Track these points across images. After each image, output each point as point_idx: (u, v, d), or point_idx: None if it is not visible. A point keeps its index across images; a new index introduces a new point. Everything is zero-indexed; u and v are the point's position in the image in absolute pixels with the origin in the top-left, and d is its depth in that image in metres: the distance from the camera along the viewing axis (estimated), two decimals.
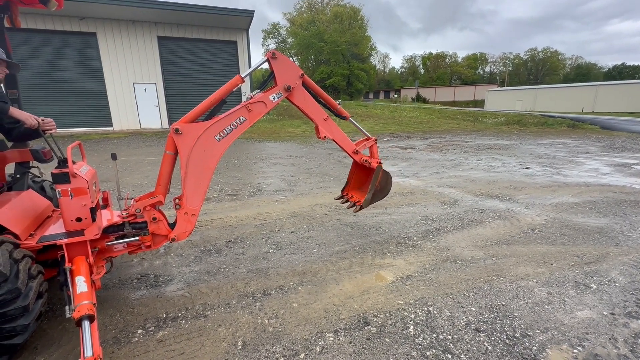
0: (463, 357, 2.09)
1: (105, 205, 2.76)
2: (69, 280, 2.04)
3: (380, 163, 3.30)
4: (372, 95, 68.36)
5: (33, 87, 14.61)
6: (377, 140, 3.42)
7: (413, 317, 2.48)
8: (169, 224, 2.49)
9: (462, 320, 2.44)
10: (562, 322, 2.42)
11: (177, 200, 2.50)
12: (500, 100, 46.07)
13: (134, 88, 16.52)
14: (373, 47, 56.71)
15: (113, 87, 16.17)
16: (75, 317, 1.78)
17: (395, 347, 2.18)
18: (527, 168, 8.16)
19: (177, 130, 2.28)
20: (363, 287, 2.90)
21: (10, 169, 2.77)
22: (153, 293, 2.80)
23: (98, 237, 2.25)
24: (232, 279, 3.03)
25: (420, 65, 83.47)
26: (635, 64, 68.00)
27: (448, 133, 16.57)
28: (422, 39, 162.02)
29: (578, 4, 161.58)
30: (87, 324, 1.76)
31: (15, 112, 2.18)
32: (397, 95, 57.33)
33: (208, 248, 3.68)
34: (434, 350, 2.14)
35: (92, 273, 2.17)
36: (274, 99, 2.66)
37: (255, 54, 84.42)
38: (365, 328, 2.36)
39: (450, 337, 2.27)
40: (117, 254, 2.51)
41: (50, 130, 2.33)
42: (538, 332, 2.32)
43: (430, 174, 7.46)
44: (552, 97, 41.26)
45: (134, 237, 2.40)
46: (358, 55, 48.25)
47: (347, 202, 3.59)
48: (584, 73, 69.59)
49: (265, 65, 2.67)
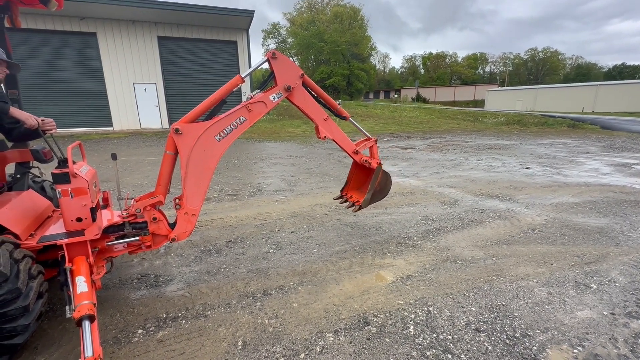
0: (463, 357, 2.09)
1: (106, 205, 2.76)
2: (69, 280, 2.04)
3: (380, 163, 3.30)
4: (372, 95, 68.36)
5: (33, 87, 14.61)
6: (377, 141, 3.42)
7: (413, 317, 2.49)
8: (169, 224, 2.50)
9: (462, 320, 2.44)
10: (562, 322, 2.42)
11: (177, 200, 2.50)
12: (501, 100, 46.06)
13: (134, 88, 16.52)
14: (373, 47, 56.78)
15: (113, 87, 16.18)
16: (76, 317, 1.78)
17: (396, 347, 2.18)
18: (527, 168, 8.16)
19: (177, 130, 2.28)
20: (363, 287, 2.90)
21: (11, 169, 2.77)
22: (153, 293, 2.81)
23: (98, 237, 2.26)
24: (232, 279, 3.04)
25: (420, 65, 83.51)
26: (636, 64, 68.06)
27: (448, 133, 16.56)
28: (422, 39, 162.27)
29: (578, 4, 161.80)
30: (87, 324, 1.77)
31: (16, 112, 2.18)
32: (397, 95, 57.31)
33: (208, 248, 3.68)
34: (434, 350, 2.15)
35: (92, 273, 2.17)
36: (274, 99, 2.66)
37: (256, 54, 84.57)
38: (366, 328, 2.36)
39: (451, 337, 2.27)
40: (117, 254, 2.51)
41: (51, 131, 2.33)
42: (538, 332, 2.32)
43: (431, 174, 7.46)
44: (552, 97, 41.25)
45: (134, 237, 2.40)
46: (358, 55, 48.25)
47: (346, 202, 3.59)
48: (584, 73, 69.55)
49: (266, 65, 2.67)
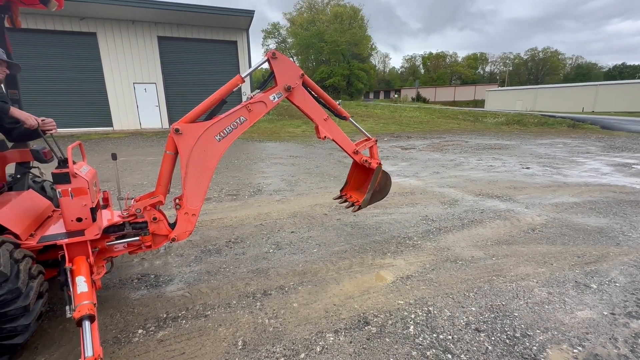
0: (463, 357, 2.09)
1: (106, 205, 2.76)
2: (70, 280, 2.04)
3: (380, 164, 3.30)
4: (372, 95, 68.35)
5: (33, 87, 14.61)
6: (377, 141, 3.42)
7: (413, 317, 2.49)
8: (169, 224, 2.50)
9: (462, 320, 2.44)
10: (562, 322, 2.43)
11: (177, 200, 2.50)
12: (501, 100, 46.05)
13: (134, 88, 16.52)
14: (373, 47, 56.75)
15: (113, 87, 16.18)
16: (76, 317, 1.78)
17: (396, 347, 2.18)
18: (527, 168, 8.16)
19: (177, 130, 2.28)
20: (363, 287, 2.90)
21: (11, 169, 2.77)
22: (153, 293, 2.81)
23: (98, 237, 2.26)
24: (232, 279, 3.04)
25: (421, 65, 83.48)
26: (636, 64, 68.05)
27: (448, 133, 16.56)
28: (422, 39, 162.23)
29: (578, 4, 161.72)
30: (87, 324, 1.77)
31: (16, 112, 2.18)
32: (397, 95, 57.31)
33: (208, 248, 3.68)
34: (434, 350, 2.15)
35: (92, 273, 2.17)
36: (274, 99, 2.66)
37: (256, 54, 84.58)
38: (366, 328, 2.36)
39: (451, 337, 2.28)
40: (117, 254, 2.51)
41: (51, 131, 2.33)
42: (538, 332, 2.32)
43: (431, 174, 7.46)
44: (552, 97, 41.25)
45: (135, 237, 2.40)
46: (358, 55, 48.24)
47: (345, 202, 3.59)
48: (584, 73, 69.52)
49: (266, 65, 2.67)
